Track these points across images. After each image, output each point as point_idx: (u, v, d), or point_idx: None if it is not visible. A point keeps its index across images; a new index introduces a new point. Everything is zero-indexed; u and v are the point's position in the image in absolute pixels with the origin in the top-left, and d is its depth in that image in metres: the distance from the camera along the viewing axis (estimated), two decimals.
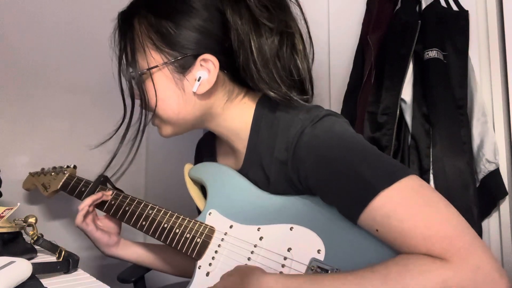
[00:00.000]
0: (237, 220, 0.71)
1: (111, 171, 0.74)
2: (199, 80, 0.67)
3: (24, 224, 0.75)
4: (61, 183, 0.97)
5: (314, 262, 0.61)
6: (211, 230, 0.73)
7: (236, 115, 0.73)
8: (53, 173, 1.01)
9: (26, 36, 1.15)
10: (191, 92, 0.69)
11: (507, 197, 0.92)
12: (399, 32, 1.01)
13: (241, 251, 0.68)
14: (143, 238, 1.27)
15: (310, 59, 0.74)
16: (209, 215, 0.75)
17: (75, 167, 1.02)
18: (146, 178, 1.40)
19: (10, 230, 0.73)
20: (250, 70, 0.67)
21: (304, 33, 0.73)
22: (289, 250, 0.64)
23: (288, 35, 0.70)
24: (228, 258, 0.69)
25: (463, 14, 0.99)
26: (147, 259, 0.90)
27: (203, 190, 0.83)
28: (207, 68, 0.67)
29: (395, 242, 0.54)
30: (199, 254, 0.71)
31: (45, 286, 0.59)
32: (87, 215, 0.83)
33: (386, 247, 0.56)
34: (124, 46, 0.70)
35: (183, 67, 0.68)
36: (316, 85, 0.76)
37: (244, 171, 0.75)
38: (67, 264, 0.67)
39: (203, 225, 0.74)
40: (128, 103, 0.72)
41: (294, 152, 0.63)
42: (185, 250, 0.73)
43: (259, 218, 0.69)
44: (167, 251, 0.91)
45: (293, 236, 0.64)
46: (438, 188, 0.89)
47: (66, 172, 0.99)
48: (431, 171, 0.92)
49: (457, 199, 0.87)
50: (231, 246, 0.69)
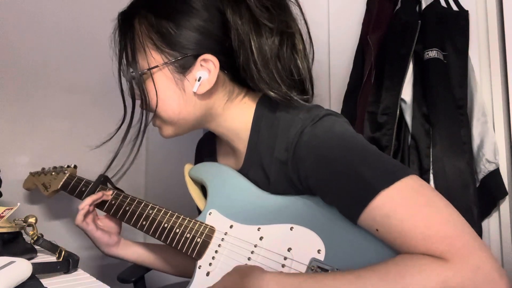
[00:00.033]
0: (237, 220, 0.71)
1: (112, 171, 0.75)
2: (199, 80, 0.67)
3: (24, 224, 0.75)
4: (61, 183, 0.97)
5: (314, 262, 0.61)
6: (211, 230, 0.73)
7: (237, 115, 0.73)
8: (53, 172, 1.01)
9: (26, 36, 1.15)
10: (191, 92, 0.69)
11: (507, 197, 0.92)
12: (399, 32, 1.01)
13: (241, 251, 0.68)
14: (143, 238, 1.27)
15: (310, 59, 0.74)
16: (209, 215, 0.75)
17: (75, 167, 1.02)
18: (146, 178, 1.40)
19: (10, 230, 0.73)
20: (251, 70, 0.67)
21: (304, 33, 0.73)
22: (289, 250, 0.64)
23: (288, 35, 0.70)
24: (228, 258, 0.69)
25: (463, 14, 0.99)
26: (147, 259, 0.90)
27: (203, 190, 0.83)
28: (207, 68, 0.67)
29: (395, 242, 0.54)
30: (199, 254, 0.71)
31: (45, 286, 0.59)
32: (87, 215, 0.83)
33: (386, 247, 0.56)
34: (124, 46, 0.70)
35: (183, 67, 0.68)
36: (316, 85, 0.76)
37: (244, 171, 0.75)
38: (67, 264, 0.67)
39: (203, 225, 0.74)
40: (128, 104, 0.72)
41: (294, 152, 0.63)
42: (185, 250, 0.73)
43: (259, 218, 0.69)
44: (167, 251, 0.91)
45: (293, 236, 0.64)
46: (438, 188, 0.89)
47: (66, 172, 0.99)
48: (431, 171, 0.92)
49: (457, 199, 0.87)
50: (231, 246, 0.69)
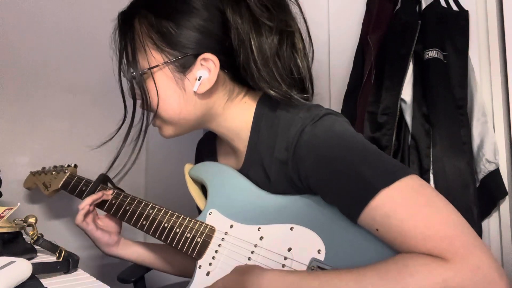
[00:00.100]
0: (237, 219, 0.71)
1: (113, 171, 0.75)
2: (199, 79, 0.68)
3: (24, 224, 0.75)
4: (62, 182, 0.97)
5: (315, 262, 0.61)
6: (212, 230, 0.73)
7: (237, 115, 0.73)
8: (54, 172, 1.01)
9: (26, 36, 1.15)
10: (191, 92, 0.69)
11: (507, 197, 0.92)
12: (399, 32, 1.01)
13: (241, 251, 0.68)
14: (144, 237, 1.27)
15: (309, 58, 0.74)
16: (209, 214, 0.75)
17: (76, 166, 1.02)
18: (146, 178, 1.40)
19: (10, 230, 0.73)
20: (251, 69, 0.67)
21: (303, 32, 0.73)
22: (289, 250, 0.64)
23: (288, 34, 0.70)
24: (229, 258, 0.69)
25: (463, 14, 0.99)
26: (147, 258, 0.90)
27: (203, 189, 0.83)
28: (207, 68, 0.67)
29: (395, 241, 0.54)
30: (200, 254, 0.71)
31: (45, 286, 0.59)
32: (87, 214, 0.83)
33: (386, 247, 0.56)
34: (124, 46, 0.71)
35: (183, 67, 0.68)
36: (316, 85, 0.76)
37: (244, 170, 0.75)
38: (67, 264, 0.67)
39: (204, 224, 0.74)
40: (129, 104, 0.72)
41: (294, 152, 0.63)
42: (185, 250, 0.73)
43: (260, 218, 0.69)
44: (168, 251, 0.91)
45: (293, 236, 0.64)
46: (438, 188, 0.89)
47: (67, 171, 0.99)
48: (431, 171, 0.92)
49: (457, 199, 0.87)
50: (231, 246, 0.69)
